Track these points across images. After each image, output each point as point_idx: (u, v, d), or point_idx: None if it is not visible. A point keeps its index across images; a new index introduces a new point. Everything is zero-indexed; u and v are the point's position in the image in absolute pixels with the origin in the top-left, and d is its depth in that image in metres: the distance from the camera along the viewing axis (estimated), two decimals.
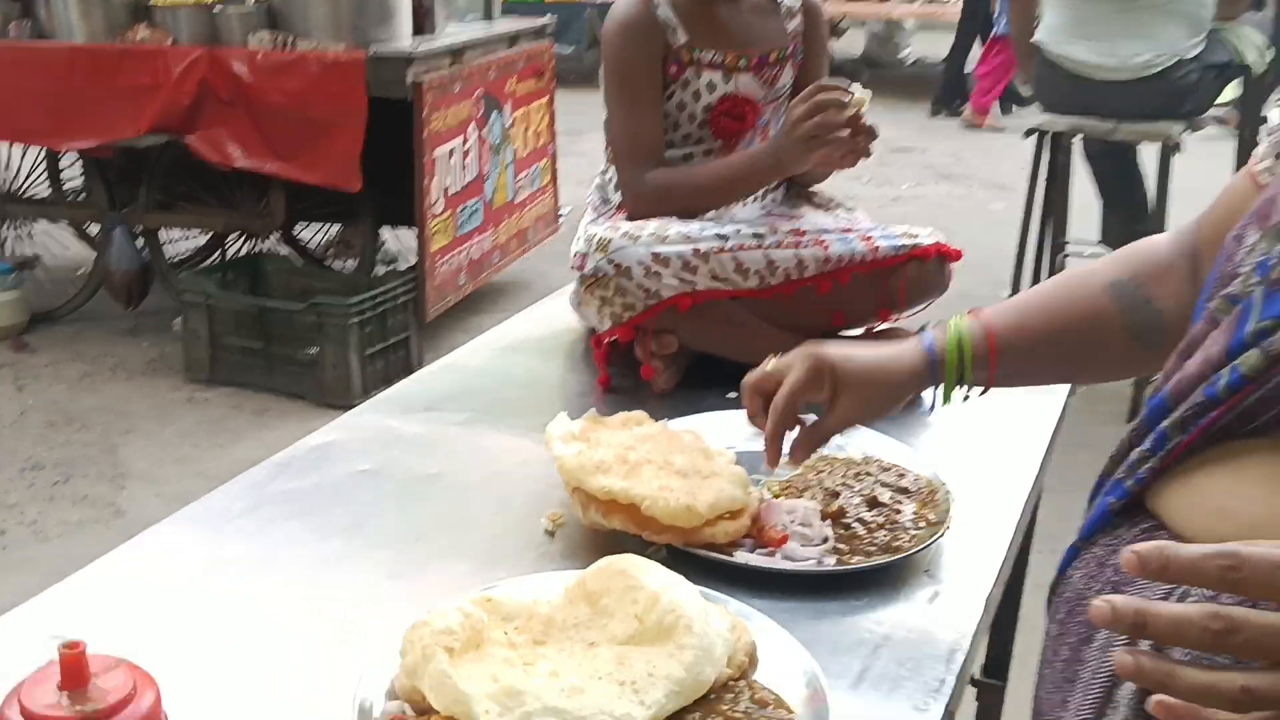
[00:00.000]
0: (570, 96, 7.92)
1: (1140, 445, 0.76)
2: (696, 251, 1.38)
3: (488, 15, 4.49)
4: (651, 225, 1.41)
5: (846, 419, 1.08)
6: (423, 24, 3.94)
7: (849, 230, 1.46)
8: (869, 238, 1.45)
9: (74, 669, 0.68)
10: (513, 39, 4.33)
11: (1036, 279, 3.87)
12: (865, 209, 5.65)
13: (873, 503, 1.10)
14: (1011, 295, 3.85)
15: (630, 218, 1.49)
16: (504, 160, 4.26)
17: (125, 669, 0.71)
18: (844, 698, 0.85)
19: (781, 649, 0.88)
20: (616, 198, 1.57)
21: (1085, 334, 1.02)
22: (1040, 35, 3.42)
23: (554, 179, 4.75)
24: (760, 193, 1.57)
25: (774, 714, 0.81)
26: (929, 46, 9.90)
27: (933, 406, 1.29)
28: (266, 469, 1.23)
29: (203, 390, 3.66)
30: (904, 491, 1.12)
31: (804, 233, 1.44)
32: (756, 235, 1.42)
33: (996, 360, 1.05)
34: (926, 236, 1.48)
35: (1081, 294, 1.04)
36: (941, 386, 1.07)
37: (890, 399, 1.09)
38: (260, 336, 3.61)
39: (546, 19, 4.72)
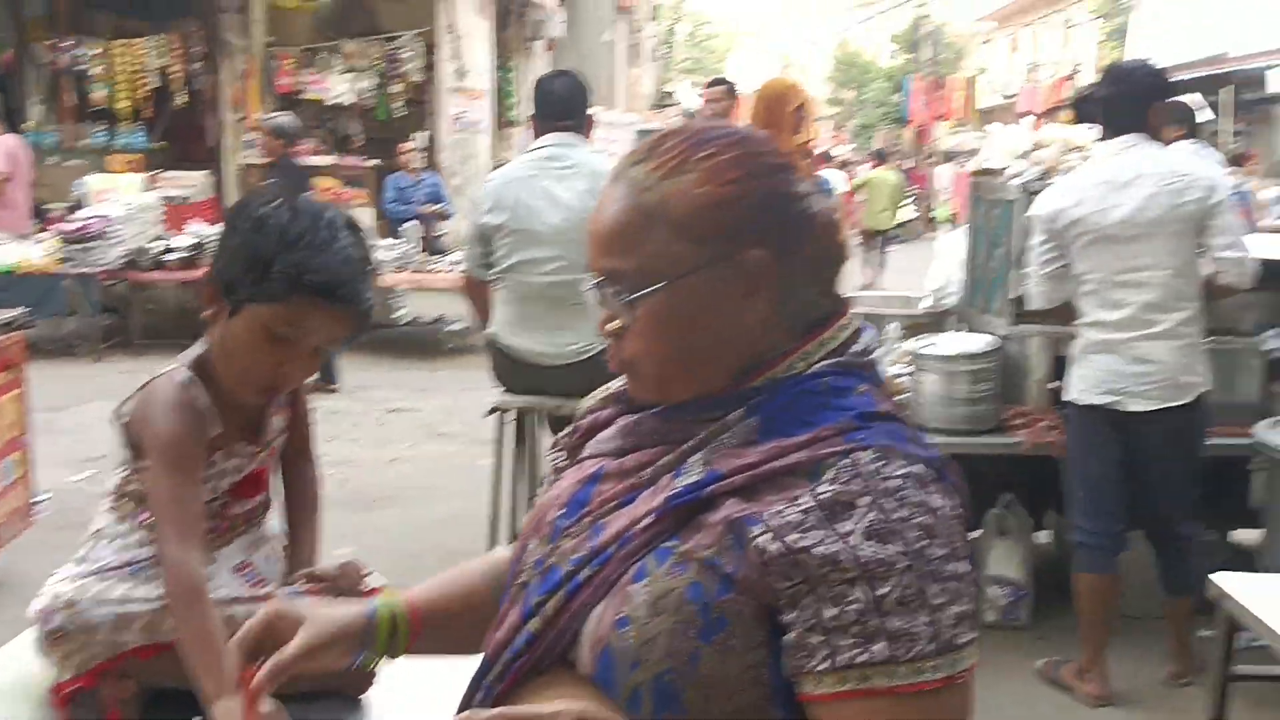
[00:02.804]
0: (51, 369, 7.65)
1: (475, 695, 1.11)
2: (161, 610, 1.56)
3: None
4: (121, 589, 1.57)
5: (301, 650, 1.22)
6: None
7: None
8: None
9: None
10: None
11: (514, 536, 4.28)
12: (363, 470, 5.85)
13: None
14: (489, 549, 4.19)
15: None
16: None
17: None
18: None
19: None
20: (118, 558, 1.67)
21: (473, 607, 1.30)
22: (493, 329, 3.94)
23: (27, 472, 4.59)
24: (239, 558, 1.76)
25: None
26: (423, 307, 10.57)
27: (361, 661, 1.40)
28: None
29: None
30: None
31: (264, 594, 1.66)
32: (217, 597, 1.61)
33: (419, 629, 1.29)
34: (374, 579, 1.75)
35: (474, 573, 1.35)
36: (374, 646, 1.28)
37: (337, 641, 1.25)
38: None
39: (17, 311, 4.64)
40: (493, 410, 4.07)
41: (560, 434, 1.32)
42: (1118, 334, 3.41)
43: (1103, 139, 3.61)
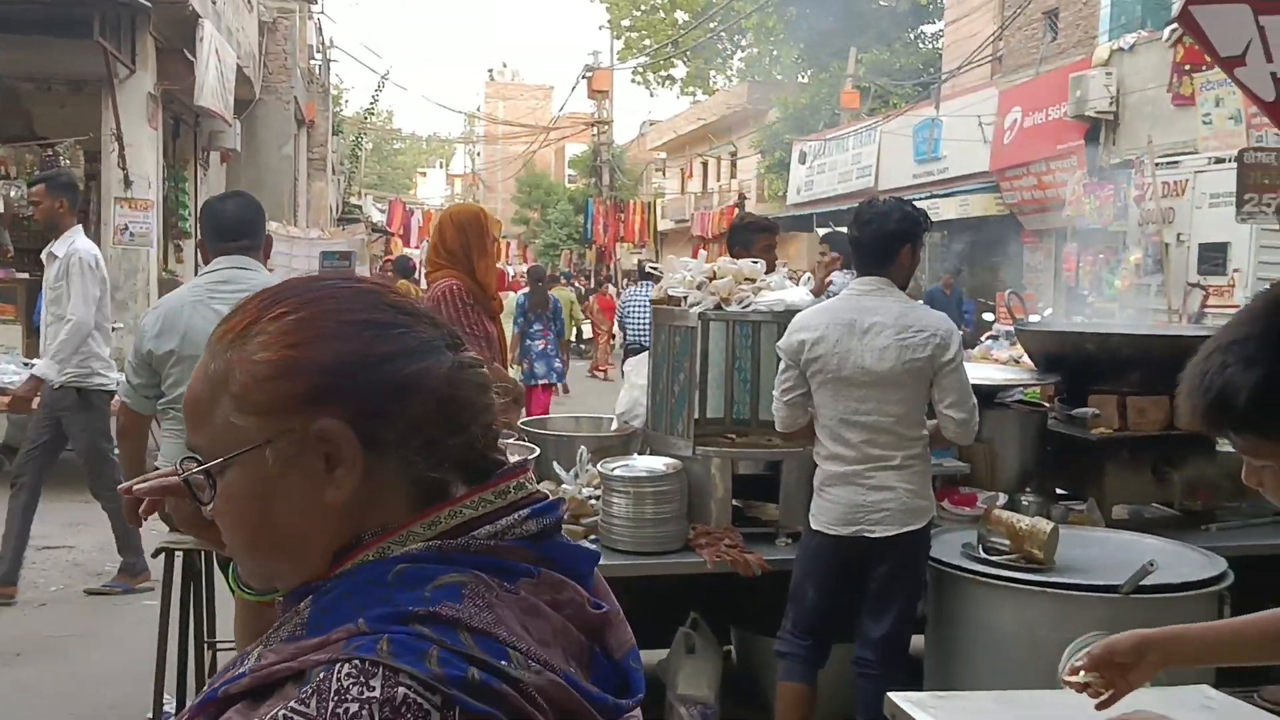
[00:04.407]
0: None
1: None
2: None
3: None
4: None
5: None
6: None
7: None
8: None
9: None
10: None
11: (196, 676, 3.93)
12: (5, 619, 5.28)
13: None
14: (155, 703, 3.77)
15: None
16: None
17: None
18: None
19: None
20: None
21: None
22: (161, 461, 3.66)
23: None
24: None
25: None
26: None
27: None
28: None
29: None
30: None
31: None
32: None
33: None
34: None
35: None
36: None
37: None
38: None
39: None
40: (160, 551, 3.75)
41: None
42: (853, 467, 3.55)
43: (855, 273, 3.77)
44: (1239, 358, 1.42)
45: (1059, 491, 4.46)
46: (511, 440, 4.43)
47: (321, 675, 0.87)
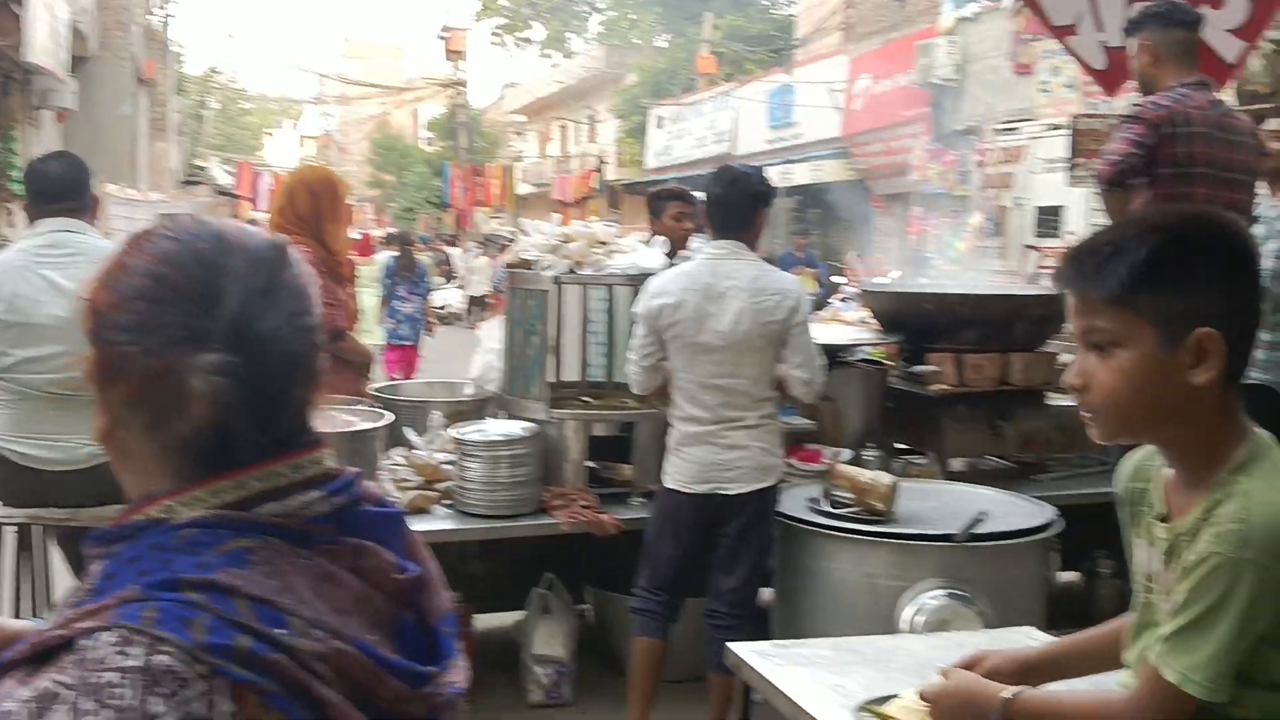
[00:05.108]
0: None
1: None
2: None
3: None
4: None
5: None
6: None
7: None
8: None
9: None
10: None
11: None
12: None
13: None
14: None
15: None
16: None
17: None
18: None
19: None
20: None
21: None
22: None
23: None
24: None
25: None
26: None
27: None
28: None
29: None
30: None
31: None
32: None
33: None
34: None
35: None
36: None
37: None
38: None
39: None
40: None
41: None
42: (709, 427, 3.61)
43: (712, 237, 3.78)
44: (1142, 227, 1.57)
45: (900, 446, 4.62)
46: (361, 406, 4.37)
47: (85, 643, 0.86)
